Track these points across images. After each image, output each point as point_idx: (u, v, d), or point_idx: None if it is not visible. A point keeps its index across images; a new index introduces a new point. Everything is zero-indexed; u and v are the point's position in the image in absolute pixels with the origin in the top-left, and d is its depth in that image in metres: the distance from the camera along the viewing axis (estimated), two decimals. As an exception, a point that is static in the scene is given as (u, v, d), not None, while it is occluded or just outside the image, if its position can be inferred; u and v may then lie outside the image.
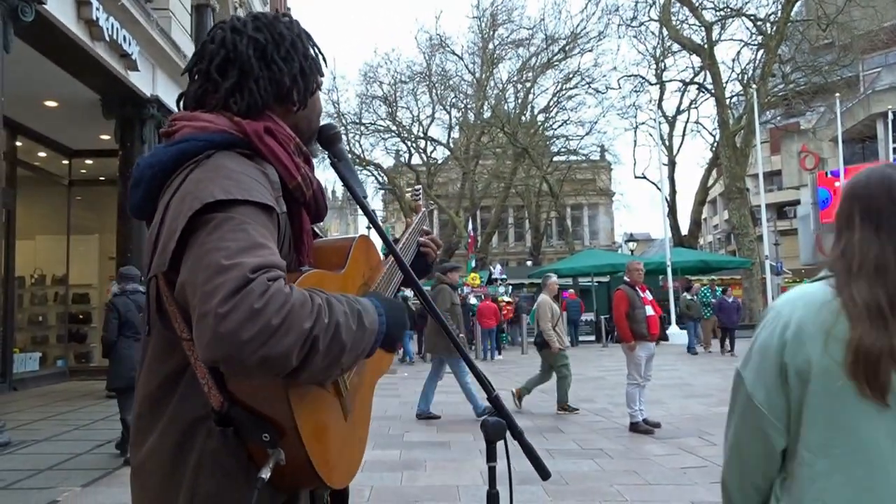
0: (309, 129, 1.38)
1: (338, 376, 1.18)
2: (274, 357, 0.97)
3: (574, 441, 6.93)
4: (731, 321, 17.13)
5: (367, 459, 5.54)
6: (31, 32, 6.94)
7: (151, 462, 1.16)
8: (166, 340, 1.18)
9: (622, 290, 7.59)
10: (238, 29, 1.28)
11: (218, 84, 1.26)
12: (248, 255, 1.01)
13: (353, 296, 1.15)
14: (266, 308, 0.96)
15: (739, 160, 27.08)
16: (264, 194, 1.14)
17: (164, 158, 1.20)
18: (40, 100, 9.56)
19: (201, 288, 0.99)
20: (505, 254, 51.12)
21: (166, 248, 1.09)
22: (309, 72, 1.32)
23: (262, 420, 1.09)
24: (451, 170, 39.86)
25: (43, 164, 11.87)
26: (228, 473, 1.11)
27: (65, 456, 6.09)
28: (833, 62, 28.10)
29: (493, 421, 1.29)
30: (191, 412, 1.13)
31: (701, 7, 28.27)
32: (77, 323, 12.61)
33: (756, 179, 27.60)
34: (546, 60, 34.40)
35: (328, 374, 1.09)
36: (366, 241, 1.45)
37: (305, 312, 1.01)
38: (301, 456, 1.10)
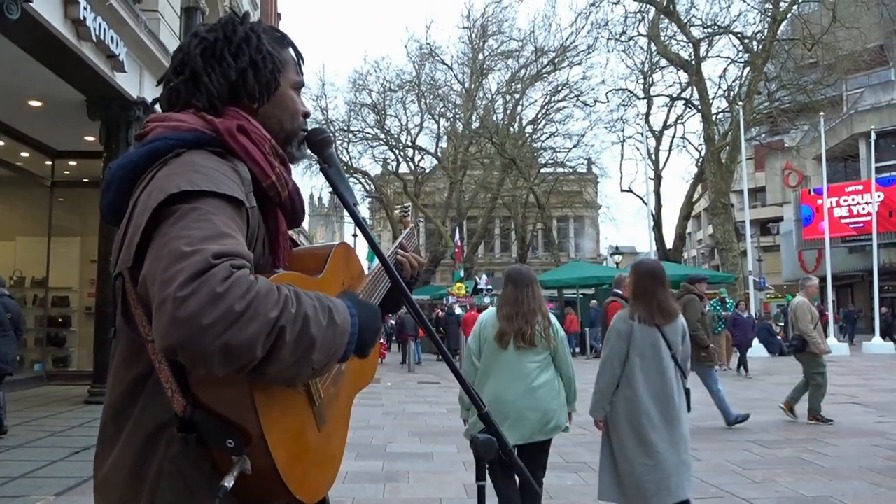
0: (281, 130, 1.35)
1: (310, 377, 1.11)
2: (236, 345, 0.92)
3: (558, 454, 6.89)
4: (746, 339, 15.74)
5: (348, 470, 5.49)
6: (17, 30, 6.83)
7: (114, 475, 1.11)
8: (132, 344, 1.14)
9: (617, 303, 7.54)
10: (196, 33, 1.31)
11: (174, 83, 1.28)
12: (211, 242, 0.98)
13: (322, 293, 1.10)
14: (229, 292, 0.92)
15: (724, 176, 27.31)
16: (232, 188, 1.11)
17: (135, 158, 1.18)
18: (24, 99, 9.43)
19: (161, 276, 0.95)
20: (491, 264, 51.15)
21: (131, 242, 1.06)
22: (262, 66, 1.29)
23: (226, 425, 1.03)
24: (439, 179, 39.88)
25: (25, 164, 11.70)
26: (190, 482, 1.06)
27: (40, 463, 5.97)
28: (817, 81, 28.50)
29: (483, 438, 1.25)
30: (154, 419, 1.08)
31: (689, 24, 28.58)
32: (56, 326, 12.40)
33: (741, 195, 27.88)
34: (535, 72, 34.57)
35: (298, 372, 1.03)
36: (346, 248, 1.42)
37: (271, 301, 0.96)
38: (268, 465, 1.04)
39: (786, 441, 7.38)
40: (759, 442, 7.30)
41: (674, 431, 3.78)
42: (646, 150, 30.08)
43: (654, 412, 3.80)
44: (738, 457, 6.62)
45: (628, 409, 3.89)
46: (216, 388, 1.03)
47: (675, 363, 3.88)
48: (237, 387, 1.01)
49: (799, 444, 7.12)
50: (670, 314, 3.91)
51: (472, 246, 39.04)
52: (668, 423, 3.79)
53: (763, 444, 7.18)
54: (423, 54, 35.50)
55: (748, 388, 12.70)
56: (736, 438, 7.53)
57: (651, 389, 3.82)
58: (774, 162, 40.72)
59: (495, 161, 35.21)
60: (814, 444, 7.11)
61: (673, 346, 3.89)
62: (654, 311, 3.88)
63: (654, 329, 3.86)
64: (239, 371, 0.96)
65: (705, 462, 6.41)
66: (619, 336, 3.93)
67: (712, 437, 7.70)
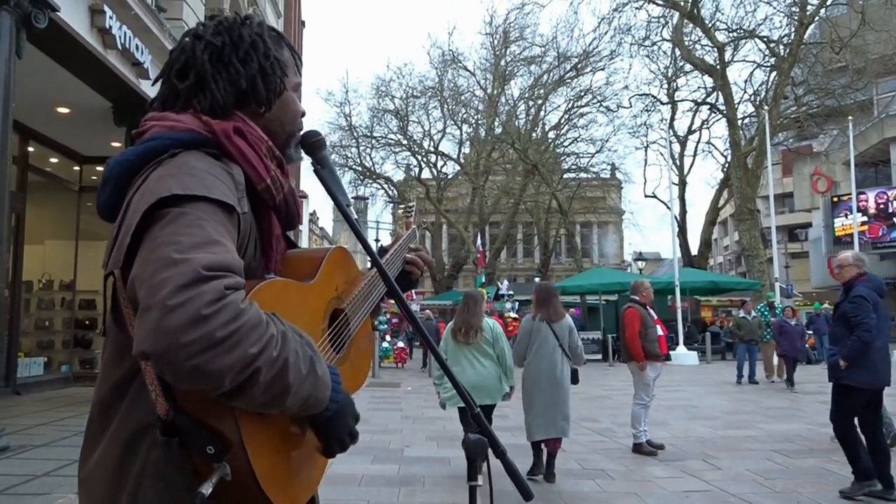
0: (282, 132, 1.35)
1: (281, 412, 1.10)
2: (206, 372, 0.92)
3: (576, 461, 6.85)
4: (794, 349, 13.91)
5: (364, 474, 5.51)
6: (45, 39, 6.99)
7: (98, 471, 1.12)
8: (120, 343, 1.14)
9: (634, 308, 7.50)
10: (199, 35, 1.29)
11: (177, 88, 1.26)
12: (200, 250, 0.97)
13: (311, 340, 1.09)
14: (214, 317, 0.92)
15: (751, 181, 26.96)
16: (225, 192, 1.10)
17: (131, 157, 1.18)
18: (52, 106, 9.63)
19: (148, 282, 0.94)
20: (513, 270, 50.97)
21: (122, 243, 1.06)
22: (271, 72, 1.29)
23: (207, 431, 1.03)
24: (461, 185, 39.91)
25: (54, 169, 11.94)
26: (170, 486, 1.06)
27: (62, 462, 6.06)
28: (846, 85, 28.02)
29: (474, 438, 1.25)
30: (138, 420, 1.09)
31: (714, 28, 28.30)
32: (83, 329, 12.61)
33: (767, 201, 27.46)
34: (558, 78, 34.48)
35: (267, 410, 1.03)
36: (342, 252, 1.41)
37: (255, 337, 0.95)
38: (247, 472, 1.03)
39: (809, 451, 7.25)
40: (782, 451, 7.18)
41: (555, 393, 6.04)
42: (670, 155, 29.79)
43: (544, 379, 6.08)
44: (760, 466, 6.52)
45: (529, 377, 6.17)
46: (197, 395, 1.02)
47: (561, 349, 6.13)
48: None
49: (823, 455, 6.99)
50: (559, 316, 6.24)
51: (494, 251, 38.98)
52: (552, 387, 6.05)
53: (786, 454, 7.06)
54: (445, 60, 35.67)
55: (771, 397, 12.49)
56: (758, 448, 7.42)
57: (542, 365, 6.10)
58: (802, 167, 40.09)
59: (518, 167, 35.15)
60: (838, 455, 6.93)
61: (560, 337, 6.15)
62: (549, 313, 6.20)
63: (547, 325, 6.16)
64: (203, 392, 0.96)
65: (725, 471, 6.32)
66: (525, 330, 6.34)
67: (734, 445, 7.59)
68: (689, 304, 26.02)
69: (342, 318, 1.37)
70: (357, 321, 1.42)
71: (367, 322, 1.49)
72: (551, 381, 6.02)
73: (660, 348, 7.34)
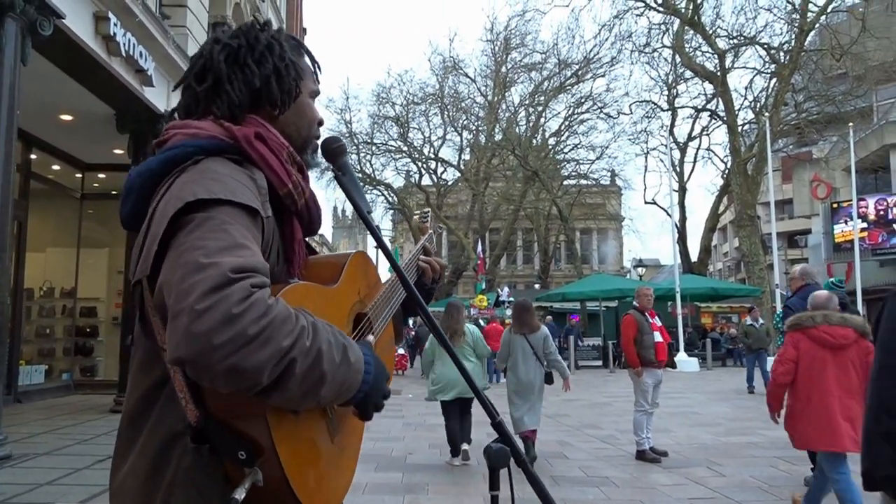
0: (298, 137, 1.36)
1: (316, 407, 1.11)
2: (243, 369, 0.92)
3: (580, 468, 6.83)
4: None
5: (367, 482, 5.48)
6: (49, 46, 7.01)
7: (129, 482, 1.11)
8: (148, 352, 1.15)
9: (631, 314, 7.52)
10: (218, 39, 1.31)
11: (196, 91, 1.28)
12: (227, 254, 0.98)
13: (339, 329, 1.10)
14: (244, 315, 0.92)
15: (751, 188, 26.98)
16: (249, 197, 1.11)
17: (154, 166, 1.18)
18: (56, 113, 9.65)
19: (177, 287, 0.95)
20: (513, 276, 50.98)
21: (149, 251, 1.06)
22: (286, 74, 1.30)
23: (238, 437, 1.03)
24: (461, 191, 39.91)
25: (56, 176, 11.94)
26: (203, 492, 1.06)
27: (65, 471, 6.05)
28: (847, 92, 28.06)
29: (496, 447, 1.25)
30: (168, 428, 1.09)
31: (714, 35, 28.37)
32: (84, 336, 12.60)
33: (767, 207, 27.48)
34: (558, 85, 34.53)
35: (304, 403, 1.04)
36: (363, 257, 1.42)
37: (286, 329, 0.96)
38: (279, 477, 1.04)
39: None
40: (786, 458, 7.16)
41: (530, 395, 6.97)
42: (670, 161, 29.86)
43: (522, 383, 7.01)
44: (764, 473, 6.50)
45: (510, 380, 7.14)
46: (228, 400, 1.03)
47: (536, 356, 7.03)
48: (250, 401, 1.01)
49: (827, 461, 6.96)
50: (532, 329, 7.15)
51: (494, 258, 38.98)
52: (529, 389, 6.97)
53: (789, 461, 7.04)
54: (446, 67, 35.72)
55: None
56: (761, 455, 7.40)
57: (521, 371, 7.02)
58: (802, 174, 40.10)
59: (518, 173, 35.17)
60: (842, 461, 6.95)
61: (535, 346, 7.04)
62: (522, 326, 7.16)
63: (523, 337, 7.11)
64: (243, 392, 0.96)
65: (729, 478, 6.31)
66: (504, 342, 7.32)
67: (737, 452, 7.57)
68: (690, 311, 25.99)
69: (365, 322, 1.37)
70: (380, 325, 1.43)
71: (388, 327, 1.50)
72: (527, 383, 7.00)
73: (657, 355, 7.30)
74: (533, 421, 6.98)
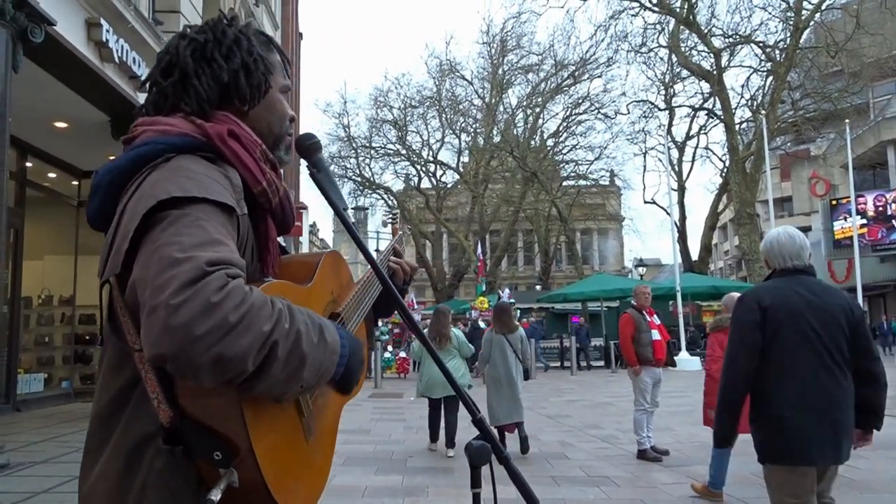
0: (270, 134, 1.33)
1: (299, 394, 1.10)
2: (228, 357, 0.90)
3: (580, 468, 6.80)
4: None
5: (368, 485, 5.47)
6: (41, 53, 6.99)
7: (100, 486, 1.08)
8: (118, 352, 1.12)
9: (628, 313, 7.50)
10: (184, 34, 1.29)
11: (163, 86, 1.26)
12: (203, 249, 0.96)
13: (312, 311, 1.09)
14: (223, 303, 0.90)
15: (749, 186, 26.98)
16: (223, 194, 1.09)
17: (123, 163, 1.16)
18: (50, 120, 9.63)
19: (152, 283, 0.93)
20: (514, 278, 50.96)
21: (119, 249, 1.04)
22: (254, 68, 1.28)
23: (214, 437, 1.00)
24: (461, 193, 39.93)
25: (52, 184, 11.94)
26: (176, 494, 1.03)
27: (63, 479, 6.01)
28: (843, 89, 28.08)
29: (477, 445, 1.22)
30: (140, 430, 1.06)
31: (710, 34, 28.41)
32: (83, 344, 12.58)
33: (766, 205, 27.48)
34: (555, 86, 34.59)
35: (288, 388, 1.02)
36: (335, 256, 1.41)
37: (265, 314, 0.95)
38: (256, 478, 1.01)
39: (815, 454, 7.19)
40: (788, 455, 7.13)
41: (510, 390, 7.48)
42: (668, 161, 29.83)
43: (502, 379, 7.54)
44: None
45: (491, 376, 7.66)
46: (204, 400, 1.01)
47: (515, 354, 7.65)
48: (225, 398, 0.99)
49: (829, 458, 6.93)
50: (511, 329, 7.82)
51: (495, 260, 38.95)
52: (507, 385, 7.49)
53: (791, 458, 7.01)
54: (443, 70, 35.78)
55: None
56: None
57: (500, 368, 7.57)
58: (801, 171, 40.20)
59: (517, 175, 35.19)
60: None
61: (514, 345, 7.68)
62: (503, 327, 7.80)
63: (503, 337, 7.70)
64: (228, 384, 0.94)
65: (731, 475, 6.25)
66: (486, 341, 7.87)
67: (739, 450, 7.45)
68: (691, 310, 25.95)
69: (339, 321, 1.35)
70: (353, 325, 1.41)
71: (362, 326, 1.48)
72: (508, 379, 7.53)
73: (654, 353, 7.27)
74: (519, 414, 7.46)
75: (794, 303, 3.02)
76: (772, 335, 3.01)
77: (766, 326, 3.02)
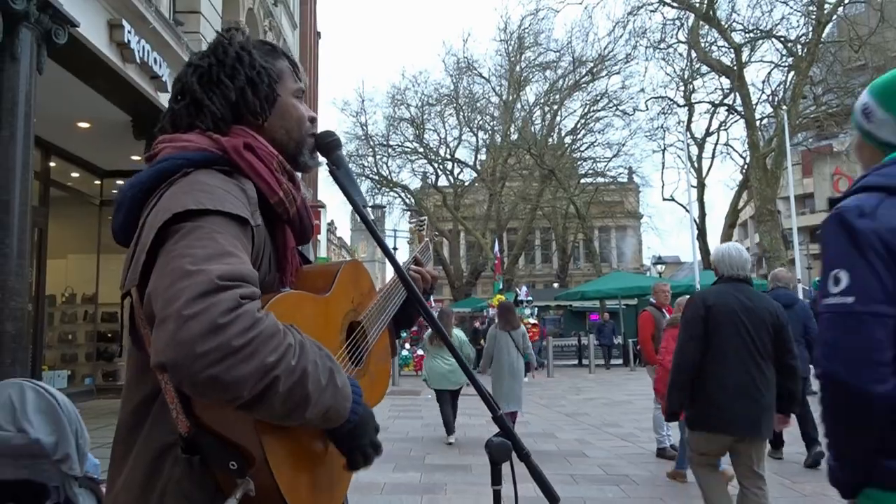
0: (290, 140, 1.36)
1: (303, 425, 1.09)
2: (224, 381, 0.91)
3: (599, 466, 6.78)
4: None
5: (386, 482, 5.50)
6: (65, 55, 7.07)
7: (122, 496, 1.11)
8: (139, 364, 1.15)
9: (648, 311, 7.47)
10: (190, 62, 1.34)
11: (175, 111, 1.31)
12: (215, 262, 0.98)
13: (329, 353, 1.09)
14: (230, 325, 0.92)
15: (770, 182, 26.63)
16: (237, 206, 1.11)
17: (144, 179, 1.19)
18: (73, 121, 9.75)
19: (164, 294, 0.95)
20: (531, 276, 50.81)
21: (138, 261, 1.07)
22: (259, 81, 1.31)
23: (229, 447, 1.03)
24: (478, 191, 39.87)
25: (75, 184, 12.08)
26: (194, 503, 1.05)
27: (87, 473, 6.10)
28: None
29: (497, 442, 1.23)
30: (160, 440, 1.09)
31: (730, 29, 28.05)
32: (106, 342, 12.74)
33: (788, 202, 27.13)
34: (573, 83, 34.36)
35: (289, 422, 1.02)
36: (355, 265, 1.42)
37: (272, 345, 0.95)
38: (271, 487, 1.03)
39: (837, 454, 7.11)
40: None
41: (513, 382, 8.03)
42: (687, 157, 29.54)
43: (505, 370, 8.04)
44: (787, 469, 6.41)
45: (495, 369, 8.09)
46: (217, 410, 1.02)
47: (517, 349, 8.23)
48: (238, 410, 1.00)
49: (851, 457, 6.85)
50: (514, 326, 8.41)
51: (512, 258, 38.84)
52: (511, 376, 8.04)
53: (813, 457, 6.93)
54: (460, 68, 35.68)
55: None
56: (784, 450, 7.29)
57: (504, 361, 8.10)
58: (823, 167, 39.65)
59: (534, 172, 35.03)
60: (867, 457, 6.83)
61: (516, 341, 8.26)
62: (507, 324, 8.40)
63: (507, 333, 8.29)
64: (224, 404, 0.95)
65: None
66: (491, 336, 8.48)
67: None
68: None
69: (359, 330, 1.36)
70: (374, 334, 1.42)
71: (384, 335, 1.48)
72: (511, 371, 8.16)
73: None
74: (516, 404, 7.97)
75: (732, 304, 3.81)
76: (713, 329, 3.79)
77: (709, 322, 3.80)
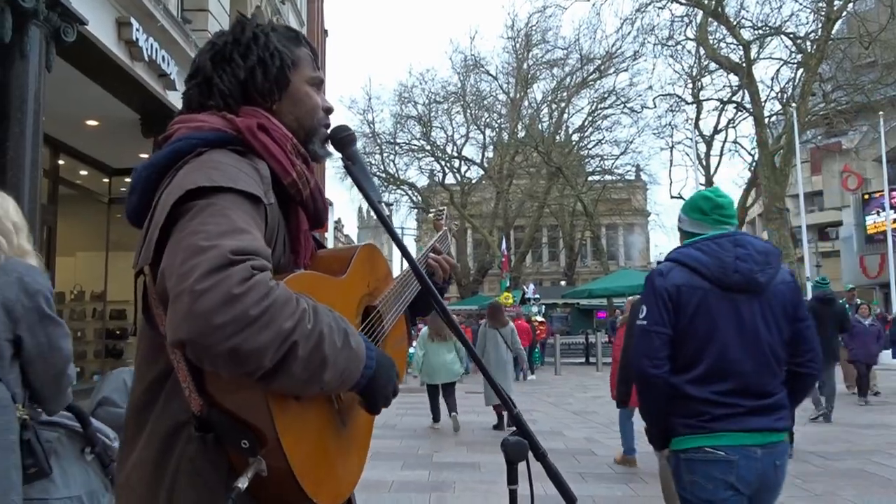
0: (300, 128, 1.34)
1: (319, 393, 1.10)
2: (245, 351, 0.91)
3: (607, 465, 6.76)
4: (868, 353, 11.48)
5: (394, 480, 5.50)
6: (73, 53, 7.09)
7: (135, 474, 1.11)
8: (152, 344, 1.15)
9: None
10: (210, 40, 1.35)
11: (188, 89, 1.32)
12: (228, 237, 0.97)
13: (340, 314, 1.09)
14: (245, 295, 0.91)
15: (779, 180, 26.49)
16: (250, 184, 1.11)
17: (159, 159, 1.19)
18: (82, 119, 9.77)
19: (177, 270, 0.95)
20: (538, 273, 50.73)
21: (151, 239, 1.07)
22: (270, 63, 1.30)
23: (241, 426, 1.02)
24: (485, 189, 39.84)
25: (84, 182, 12.12)
26: (207, 481, 1.05)
27: (96, 470, 6.12)
28: (876, 81, 27.36)
29: (513, 440, 1.21)
30: (173, 418, 1.09)
31: (739, 26, 27.90)
32: (114, 339, 12.78)
33: (796, 200, 27.05)
34: (581, 80, 34.27)
35: (307, 389, 1.02)
36: (372, 249, 1.41)
37: (288, 312, 0.95)
38: (283, 467, 1.02)
39: (848, 453, 7.08)
40: (819, 453, 7.03)
41: (502, 374, 8.79)
42: (696, 155, 29.47)
43: (493, 365, 8.51)
44: (798, 468, 6.37)
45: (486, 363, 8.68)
46: (230, 389, 1.02)
47: (506, 345, 9.07)
48: (250, 388, 1.00)
49: (862, 457, 6.82)
50: (503, 324, 9.27)
51: (519, 255, 38.81)
52: (500, 369, 8.79)
53: (824, 456, 6.90)
54: (467, 65, 35.66)
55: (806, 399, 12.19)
56: (795, 449, 7.25)
57: (492, 356, 8.85)
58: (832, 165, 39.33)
59: (542, 170, 34.99)
60: (878, 456, 6.80)
61: (505, 338, 9.10)
62: (496, 322, 9.20)
63: (496, 331, 9.14)
64: (245, 377, 0.95)
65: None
66: (481, 334, 9.30)
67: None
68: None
69: (375, 314, 1.35)
70: (391, 319, 1.41)
71: (401, 321, 1.48)
72: (499, 365, 8.90)
73: None
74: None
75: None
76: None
77: None
